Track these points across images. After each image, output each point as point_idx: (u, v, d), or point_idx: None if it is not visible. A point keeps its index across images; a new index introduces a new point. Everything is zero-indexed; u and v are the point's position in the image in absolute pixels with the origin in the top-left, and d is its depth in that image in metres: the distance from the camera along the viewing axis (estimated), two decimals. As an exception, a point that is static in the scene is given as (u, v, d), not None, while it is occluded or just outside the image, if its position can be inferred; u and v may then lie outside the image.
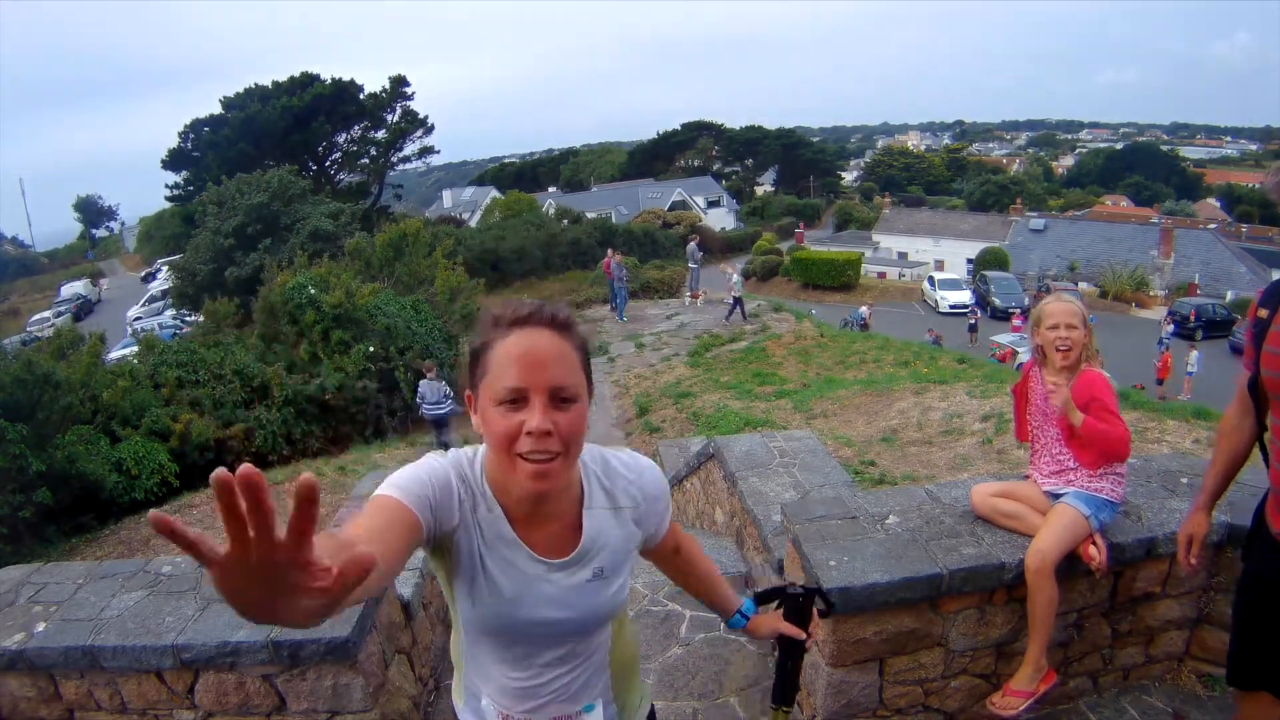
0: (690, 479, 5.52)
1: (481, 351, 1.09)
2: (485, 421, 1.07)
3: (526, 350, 1.05)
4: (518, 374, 1.04)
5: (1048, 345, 2.40)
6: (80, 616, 2.41)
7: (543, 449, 1.03)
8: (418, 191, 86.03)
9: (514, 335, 1.06)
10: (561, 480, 1.10)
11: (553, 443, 1.03)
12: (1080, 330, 2.36)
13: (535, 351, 1.05)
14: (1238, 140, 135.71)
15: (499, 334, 1.08)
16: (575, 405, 1.07)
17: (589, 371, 1.17)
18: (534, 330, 1.07)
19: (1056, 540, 2.31)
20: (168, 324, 22.71)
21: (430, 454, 1.19)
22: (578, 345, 1.13)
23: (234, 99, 29.78)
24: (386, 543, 0.97)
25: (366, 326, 10.21)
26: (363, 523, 0.99)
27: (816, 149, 77.92)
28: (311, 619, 0.74)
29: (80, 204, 63.82)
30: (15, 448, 5.46)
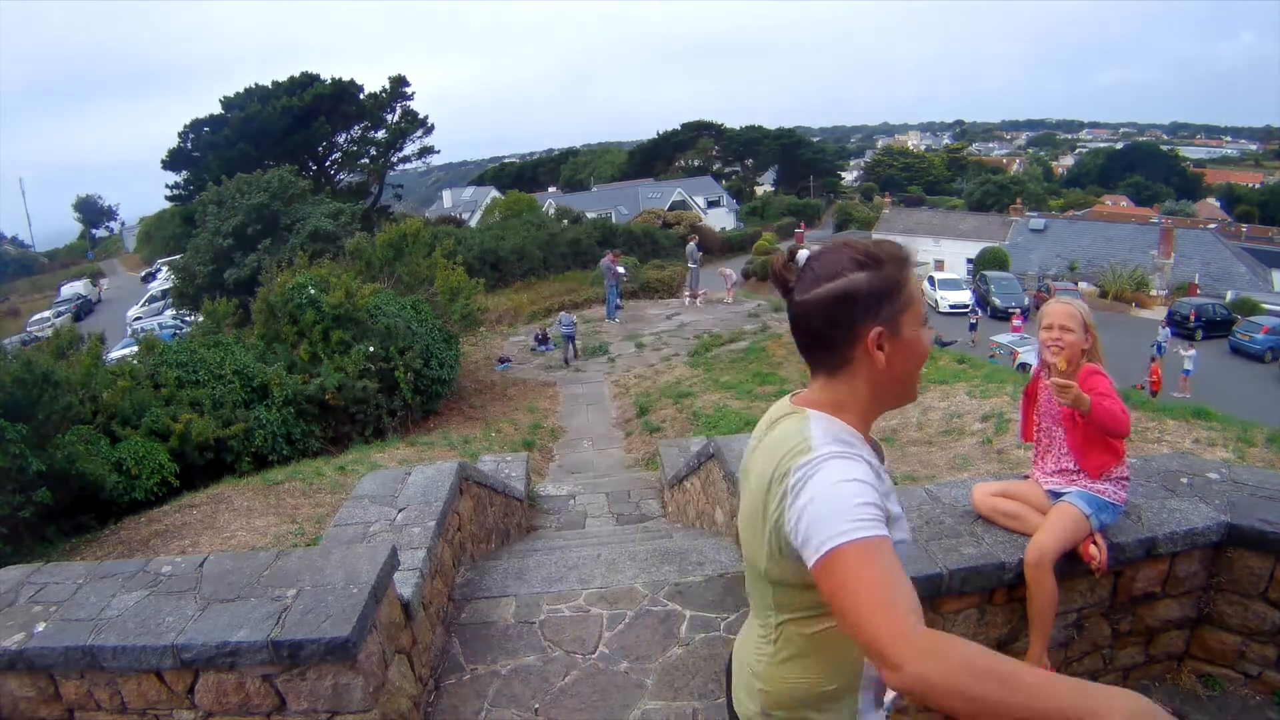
0: (690, 479, 5.52)
1: (899, 288, 1.20)
2: (909, 344, 1.21)
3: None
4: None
5: (1042, 346, 2.42)
6: (80, 616, 2.41)
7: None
8: (418, 191, 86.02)
9: (912, 270, 1.24)
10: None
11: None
12: (1076, 334, 2.37)
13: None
14: (1238, 140, 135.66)
15: (907, 272, 1.22)
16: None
17: None
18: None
19: (1056, 537, 2.32)
20: (168, 324, 22.71)
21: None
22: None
23: (234, 99, 29.76)
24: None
25: (366, 326, 10.20)
26: (903, 582, 1.03)
27: (816, 149, 77.93)
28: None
29: (80, 204, 63.86)
30: (15, 448, 5.45)
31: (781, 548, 1.17)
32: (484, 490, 4.92)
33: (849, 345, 1.20)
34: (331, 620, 2.27)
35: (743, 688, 1.38)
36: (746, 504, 1.28)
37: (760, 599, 1.31)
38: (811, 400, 1.27)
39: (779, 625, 1.27)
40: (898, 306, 1.19)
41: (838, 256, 1.21)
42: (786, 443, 1.19)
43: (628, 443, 10.29)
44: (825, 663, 1.25)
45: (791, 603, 1.24)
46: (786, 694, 1.28)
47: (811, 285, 1.21)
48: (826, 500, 1.09)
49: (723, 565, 3.81)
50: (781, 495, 1.15)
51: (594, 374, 13.95)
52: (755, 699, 1.33)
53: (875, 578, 1.02)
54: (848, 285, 1.18)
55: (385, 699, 2.43)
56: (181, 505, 6.09)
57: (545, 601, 3.57)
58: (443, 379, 11.18)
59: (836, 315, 1.19)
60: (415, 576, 2.89)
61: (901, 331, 1.20)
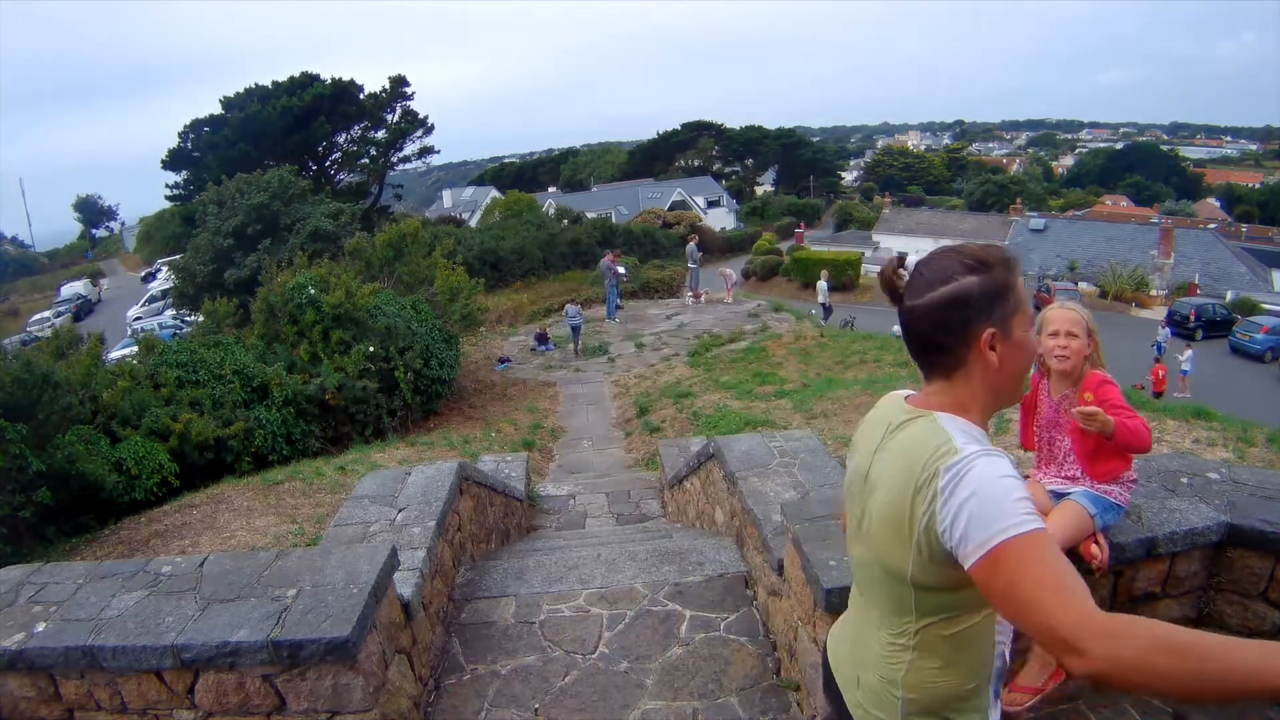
0: (690, 479, 5.52)
1: (1009, 291, 1.24)
2: (1019, 344, 1.25)
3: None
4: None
5: (1046, 353, 2.39)
6: (80, 616, 2.41)
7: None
8: (418, 191, 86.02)
9: (1020, 273, 1.28)
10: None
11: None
12: (1081, 339, 2.35)
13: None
14: (1238, 140, 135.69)
15: (1015, 275, 1.26)
16: None
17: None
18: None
19: (1058, 532, 2.31)
20: (168, 324, 22.70)
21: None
22: None
23: (234, 99, 29.73)
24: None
25: (366, 326, 10.19)
26: (1072, 570, 1.06)
27: (816, 149, 77.93)
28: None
29: (80, 204, 63.82)
30: (15, 448, 5.44)
31: (931, 551, 1.19)
32: (484, 490, 4.92)
33: (963, 347, 1.24)
34: (331, 620, 2.27)
35: (872, 700, 1.37)
36: (881, 512, 1.28)
37: (895, 605, 1.31)
38: (933, 402, 1.30)
39: (919, 630, 1.28)
40: (1009, 308, 1.23)
41: (947, 261, 1.26)
42: (927, 445, 1.21)
43: (628, 443, 10.29)
44: (966, 662, 1.28)
45: (934, 606, 1.25)
46: (931, 697, 1.30)
47: (923, 290, 1.26)
48: (986, 497, 1.11)
49: (723, 565, 3.81)
50: (931, 497, 1.17)
51: (594, 374, 13.94)
52: (895, 708, 1.33)
53: (1048, 569, 1.05)
54: (960, 289, 1.23)
55: (385, 699, 2.43)
56: (181, 505, 6.08)
57: (545, 601, 3.57)
58: (443, 379, 11.18)
59: (950, 319, 1.23)
60: (415, 576, 2.90)
61: (1012, 333, 1.24)
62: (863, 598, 1.43)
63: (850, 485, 1.44)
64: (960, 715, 1.31)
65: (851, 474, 1.43)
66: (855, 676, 1.43)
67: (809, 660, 2.55)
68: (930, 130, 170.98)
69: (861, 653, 1.42)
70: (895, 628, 1.32)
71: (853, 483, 1.42)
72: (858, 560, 1.42)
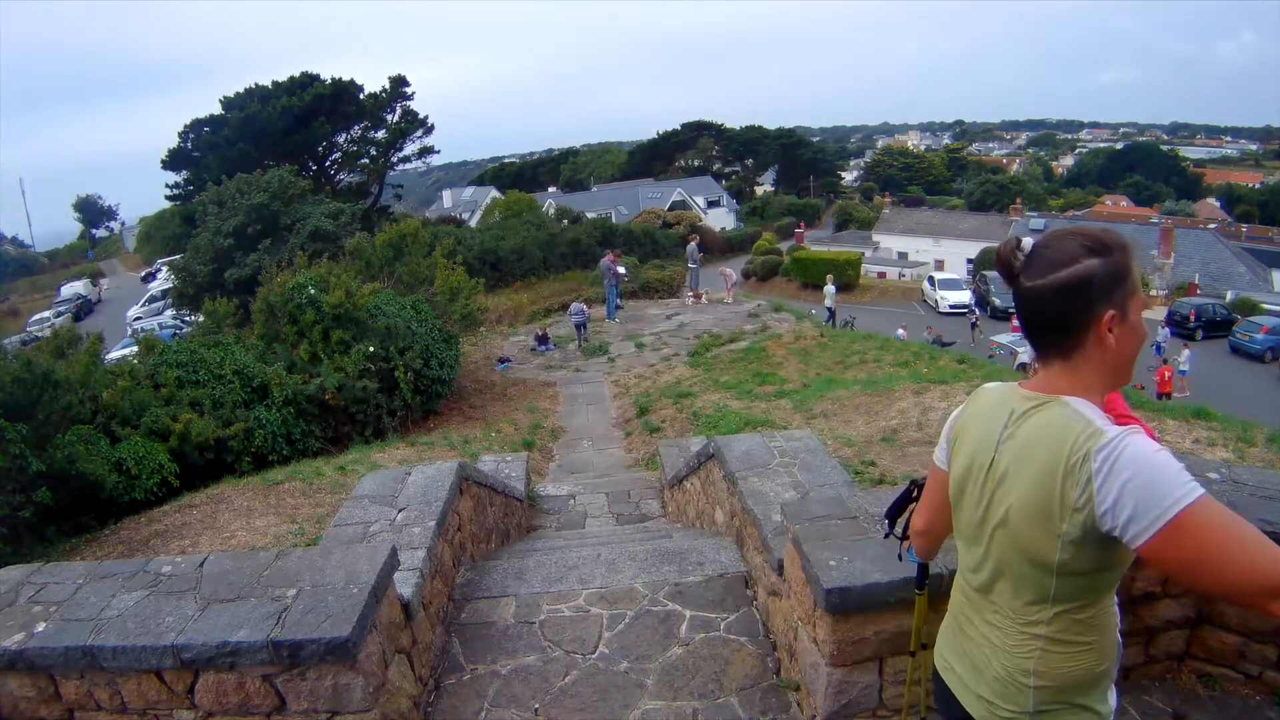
0: (690, 479, 5.52)
1: (1126, 274, 1.26)
2: (1134, 327, 1.27)
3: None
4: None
5: None
6: (80, 616, 2.41)
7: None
8: (418, 191, 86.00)
9: (1135, 258, 1.30)
10: None
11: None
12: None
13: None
14: (1238, 140, 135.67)
15: (1132, 259, 1.28)
16: None
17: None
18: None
19: None
20: (168, 324, 22.70)
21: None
22: None
23: (234, 99, 29.73)
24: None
25: (366, 326, 10.19)
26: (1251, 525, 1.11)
27: (816, 149, 77.96)
28: None
29: (80, 204, 63.81)
30: (15, 448, 5.44)
31: (1085, 534, 1.20)
32: (484, 490, 4.92)
33: (1083, 329, 1.26)
34: (331, 620, 2.27)
35: (1000, 693, 1.39)
36: (1024, 500, 1.28)
37: (1031, 594, 1.32)
38: (1054, 385, 1.31)
39: (1054, 616, 1.31)
40: (1126, 291, 1.26)
41: (1069, 244, 1.27)
42: (1069, 429, 1.23)
43: (628, 443, 10.29)
44: (1099, 644, 1.33)
45: (1074, 590, 1.28)
46: (1064, 682, 1.33)
47: (1045, 271, 1.27)
48: (1148, 474, 1.13)
49: (723, 565, 3.81)
50: (1086, 481, 1.18)
51: (594, 374, 13.94)
52: (1026, 697, 1.35)
53: (1234, 526, 1.08)
54: (1083, 271, 1.24)
55: (385, 699, 2.43)
56: (181, 505, 6.08)
57: (545, 601, 3.57)
58: (443, 379, 11.18)
59: (1073, 300, 1.25)
60: (415, 576, 2.90)
61: (1129, 315, 1.27)
62: (979, 593, 1.44)
63: (964, 481, 1.43)
64: (1088, 699, 1.35)
65: (965, 469, 1.42)
66: (975, 673, 1.45)
67: (809, 660, 2.55)
68: (930, 130, 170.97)
69: (979, 648, 1.44)
70: (1027, 616, 1.33)
71: (968, 478, 1.41)
72: (975, 556, 1.43)
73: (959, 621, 1.52)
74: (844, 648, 2.35)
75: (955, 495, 1.47)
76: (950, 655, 1.54)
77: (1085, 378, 1.29)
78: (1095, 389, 1.29)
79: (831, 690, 2.39)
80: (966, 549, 1.47)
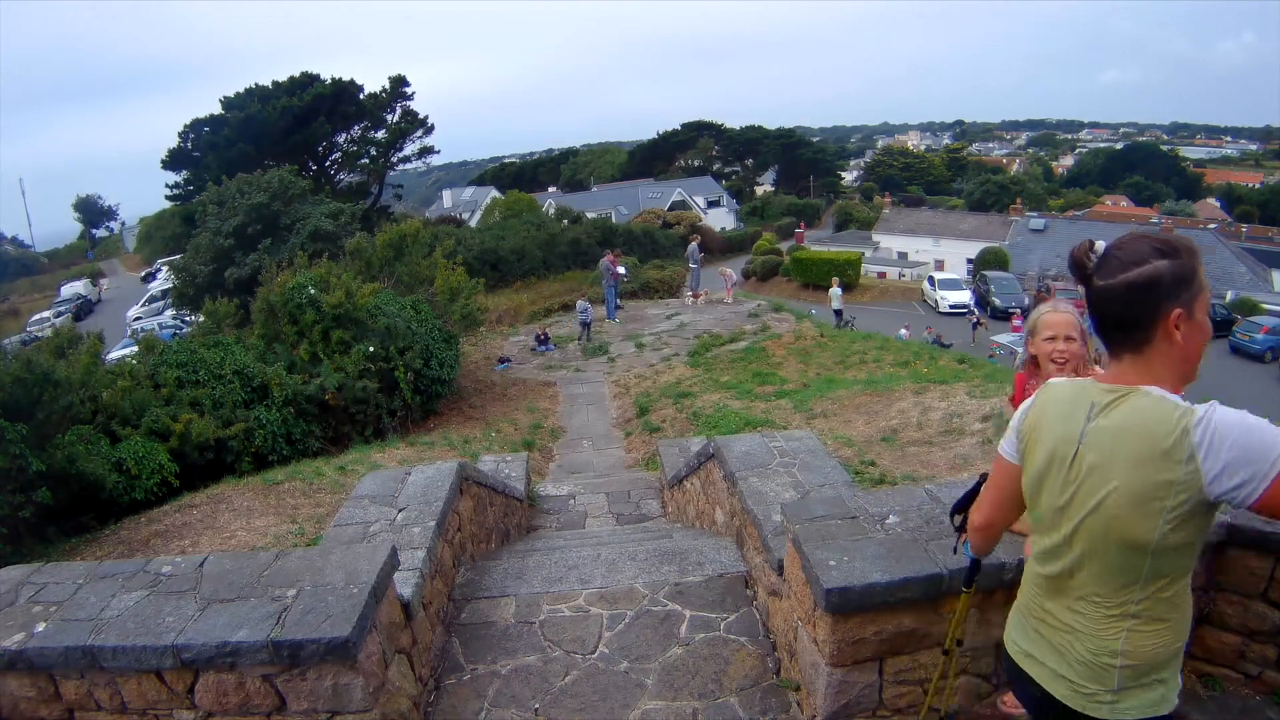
0: (690, 479, 5.52)
1: (1194, 275, 1.34)
2: (1200, 325, 1.35)
3: None
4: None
5: (1043, 357, 2.40)
6: (80, 616, 2.41)
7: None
8: (418, 191, 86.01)
9: (1201, 260, 1.37)
10: None
11: None
12: (1077, 343, 2.36)
13: None
14: (1238, 140, 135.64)
15: (1198, 261, 1.35)
16: None
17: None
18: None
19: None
20: (168, 324, 22.70)
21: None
22: None
23: (234, 99, 29.72)
24: None
25: (366, 326, 10.19)
26: None
27: (816, 149, 77.94)
28: None
29: (80, 204, 63.74)
30: (15, 448, 5.44)
31: (1192, 508, 1.30)
32: (484, 490, 4.92)
33: (1152, 326, 1.34)
34: (331, 620, 2.27)
35: (1085, 674, 1.46)
36: (1123, 485, 1.34)
37: (1122, 577, 1.39)
38: (1128, 378, 1.40)
39: (1143, 598, 1.39)
40: (1193, 291, 1.33)
41: (1140, 246, 1.36)
42: (1161, 411, 1.32)
43: (628, 443, 10.29)
44: (1179, 621, 1.42)
45: (1165, 569, 1.37)
46: (1147, 660, 1.42)
47: (1117, 271, 1.36)
48: (1249, 436, 1.25)
49: (723, 565, 3.81)
50: (1189, 455, 1.27)
51: (594, 374, 13.94)
52: (1111, 677, 1.43)
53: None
54: (1153, 272, 1.33)
55: (385, 699, 2.43)
56: (181, 505, 6.08)
57: (545, 601, 3.57)
58: (443, 379, 11.18)
59: (1144, 299, 1.34)
60: (415, 576, 2.90)
61: (1195, 314, 1.34)
62: (1057, 581, 1.50)
63: (1043, 473, 1.48)
64: (1166, 674, 1.45)
65: (1045, 462, 1.47)
66: (1057, 656, 1.51)
67: (809, 660, 2.55)
68: (930, 130, 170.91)
69: (1059, 634, 1.51)
70: (1114, 598, 1.41)
71: (1048, 470, 1.47)
72: (1055, 545, 1.48)
73: (1033, 610, 1.58)
74: (844, 648, 2.35)
75: (1032, 488, 1.52)
76: (1025, 642, 1.60)
77: (1156, 371, 1.37)
78: (1165, 382, 1.36)
79: (831, 690, 2.39)
80: (1043, 539, 1.52)
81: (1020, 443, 1.56)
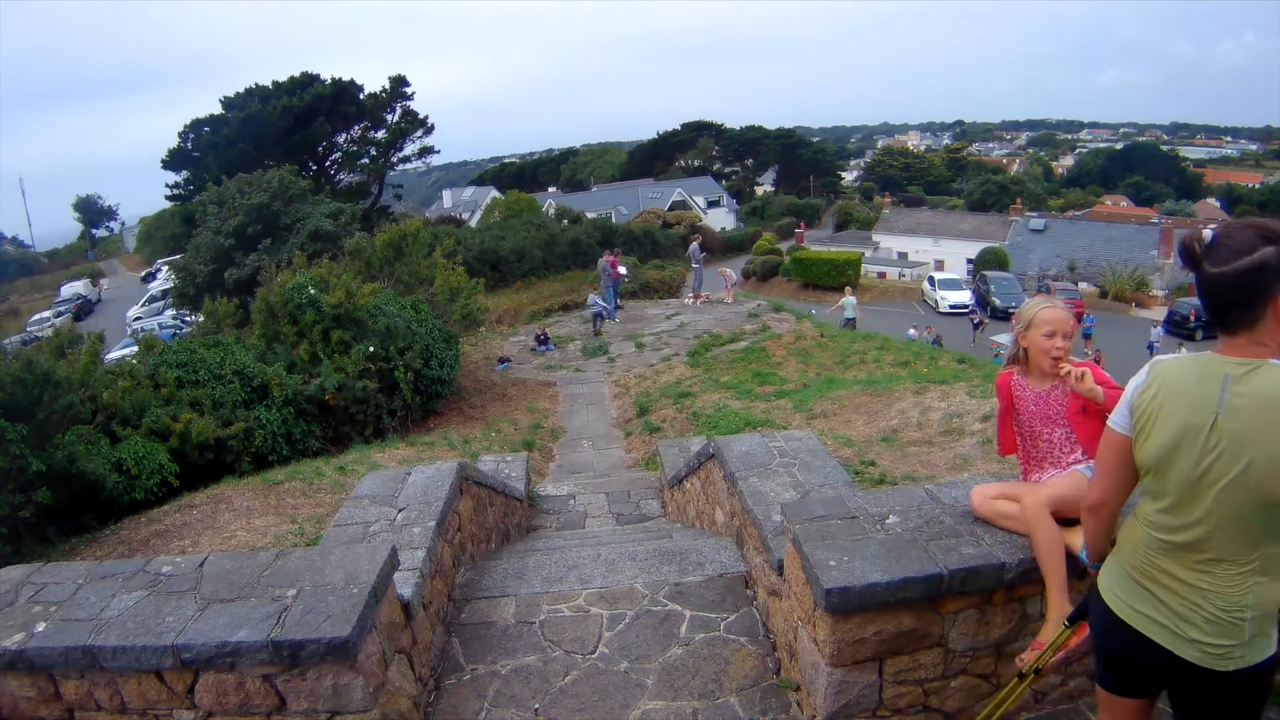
0: (690, 479, 5.52)
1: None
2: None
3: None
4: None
5: (1040, 352, 2.43)
6: (80, 616, 2.41)
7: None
8: (418, 191, 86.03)
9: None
10: None
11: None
12: (1069, 340, 2.43)
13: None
14: (1238, 140, 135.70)
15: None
16: None
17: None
18: None
19: (1057, 487, 2.37)
20: (168, 324, 22.70)
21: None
22: None
23: (234, 99, 29.73)
24: None
25: (366, 326, 10.19)
26: None
27: (816, 149, 77.98)
28: None
29: (80, 204, 63.73)
30: (15, 448, 5.44)
31: None
32: (484, 490, 4.92)
33: (1262, 307, 1.45)
34: (331, 620, 2.27)
35: (1216, 631, 1.55)
36: (1274, 453, 1.43)
37: (1261, 535, 1.49)
38: (1256, 352, 1.49)
39: (1272, 553, 1.50)
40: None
41: (1247, 234, 1.46)
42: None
43: (628, 443, 10.29)
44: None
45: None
46: (1266, 609, 1.54)
47: (1228, 259, 1.46)
48: None
49: (723, 565, 3.81)
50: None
51: (594, 374, 13.94)
52: (1242, 629, 1.54)
53: None
54: (1260, 258, 1.43)
55: (385, 699, 2.43)
56: (181, 505, 6.08)
57: (545, 601, 3.57)
58: (443, 379, 11.18)
59: (1255, 283, 1.44)
60: (415, 576, 2.89)
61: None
62: (1187, 548, 1.57)
63: (1176, 444, 1.54)
64: (1273, 622, 1.57)
65: (1178, 433, 1.54)
66: (1182, 621, 1.59)
67: (809, 660, 2.55)
68: (930, 130, 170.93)
69: (1183, 597, 1.59)
70: (1246, 556, 1.51)
71: (1182, 441, 1.53)
72: (1187, 513, 1.55)
73: (1146, 571, 1.65)
74: (844, 648, 2.35)
75: (1159, 459, 1.58)
76: (1134, 600, 1.68)
77: (1270, 348, 1.48)
78: (1275, 357, 1.48)
79: (831, 690, 2.39)
80: (1174, 508, 1.58)
81: (1135, 416, 1.62)
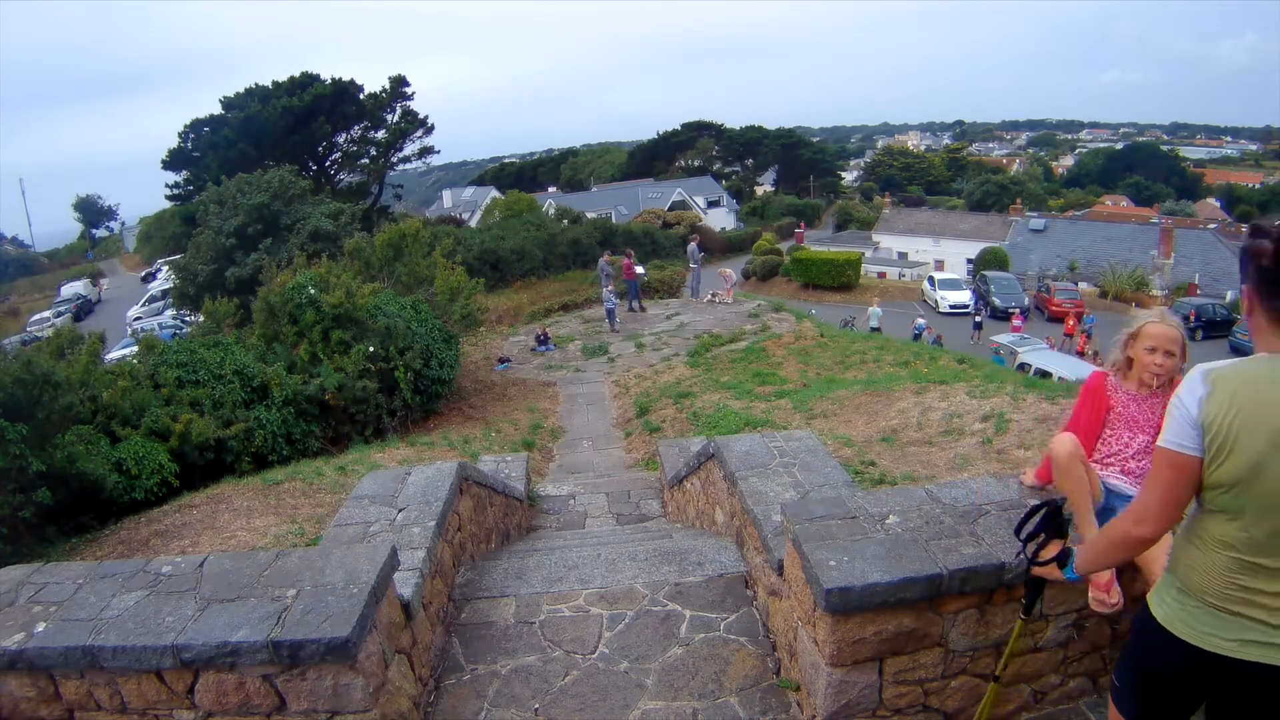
0: (690, 479, 5.52)
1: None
2: None
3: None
4: None
5: (1141, 366, 2.40)
6: (80, 616, 2.41)
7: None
8: (418, 191, 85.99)
9: None
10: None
11: None
12: (1176, 359, 2.36)
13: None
14: (1238, 140, 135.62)
15: None
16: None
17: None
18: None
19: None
20: (168, 324, 22.68)
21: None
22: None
23: (234, 99, 29.72)
24: None
25: (366, 326, 10.19)
26: None
27: (816, 149, 77.92)
28: None
29: (80, 204, 63.71)
30: (15, 448, 5.44)
31: None
32: (484, 490, 4.92)
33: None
34: (331, 620, 2.27)
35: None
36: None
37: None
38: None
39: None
40: None
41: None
42: None
43: (628, 443, 10.29)
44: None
45: None
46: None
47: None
48: None
49: (723, 565, 3.81)
50: None
51: (594, 374, 13.94)
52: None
53: None
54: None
55: (385, 699, 2.43)
56: (181, 505, 6.08)
57: (545, 601, 3.57)
58: (443, 379, 11.18)
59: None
60: (415, 576, 2.89)
61: None
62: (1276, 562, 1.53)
63: (1266, 457, 1.49)
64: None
65: (1268, 446, 1.49)
66: (1250, 611, 1.56)
67: (809, 660, 2.55)
68: (930, 130, 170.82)
69: (1266, 600, 1.55)
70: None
71: (1273, 453, 1.49)
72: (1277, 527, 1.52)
73: (1232, 597, 1.58)
74: (844, 648, 2.35)
75: (1247, 475, 1.52)
76: (1236, 633, 1.57)
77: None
78: None
79: (831, 690, 2.39)
80: (1259, 521, 1.53)
81: (1210, 434, 1.55)
